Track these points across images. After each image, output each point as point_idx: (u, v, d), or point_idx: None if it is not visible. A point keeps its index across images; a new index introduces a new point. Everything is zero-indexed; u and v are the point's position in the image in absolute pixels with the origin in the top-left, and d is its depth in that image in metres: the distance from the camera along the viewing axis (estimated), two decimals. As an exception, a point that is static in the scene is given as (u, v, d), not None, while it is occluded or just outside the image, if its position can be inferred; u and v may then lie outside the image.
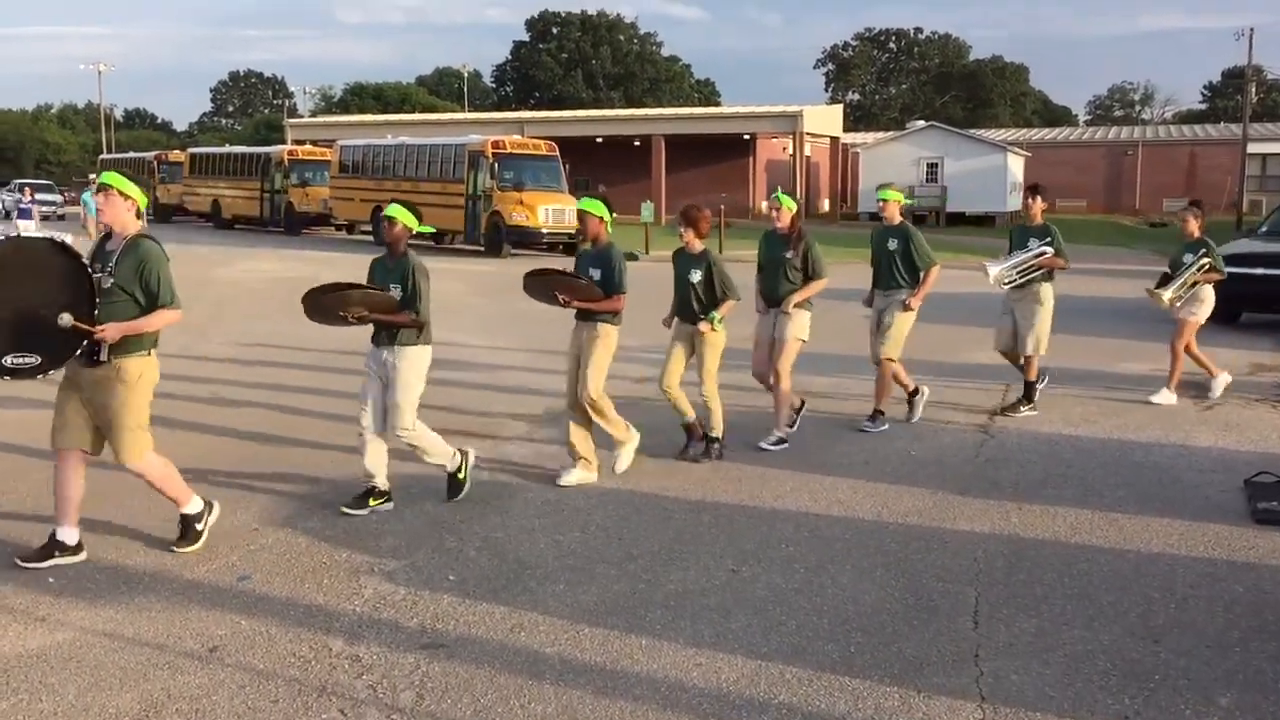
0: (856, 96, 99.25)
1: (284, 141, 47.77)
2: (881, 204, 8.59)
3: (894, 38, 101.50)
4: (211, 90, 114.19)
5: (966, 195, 45.88)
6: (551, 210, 26.62)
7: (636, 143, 46.52)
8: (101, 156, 56.51)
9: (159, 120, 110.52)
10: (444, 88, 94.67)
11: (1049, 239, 8.85)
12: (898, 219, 8.49)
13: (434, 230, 26.72)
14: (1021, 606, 4.88)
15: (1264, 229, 16.76)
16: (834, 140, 51.63)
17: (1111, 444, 7.96)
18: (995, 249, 18.63)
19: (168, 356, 5.66)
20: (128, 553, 5.44)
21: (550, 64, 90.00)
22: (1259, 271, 13.93)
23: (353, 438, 7.85)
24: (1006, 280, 8.85)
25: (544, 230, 26.58)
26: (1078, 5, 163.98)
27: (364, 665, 4.24)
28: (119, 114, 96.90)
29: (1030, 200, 9.08)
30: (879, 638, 4.54)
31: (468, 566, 5.34)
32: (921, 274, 8.38)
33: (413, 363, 6.21)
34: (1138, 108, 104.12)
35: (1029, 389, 9.03)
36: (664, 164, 44.76)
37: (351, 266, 23.93)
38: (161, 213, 42.20)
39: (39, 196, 40.15)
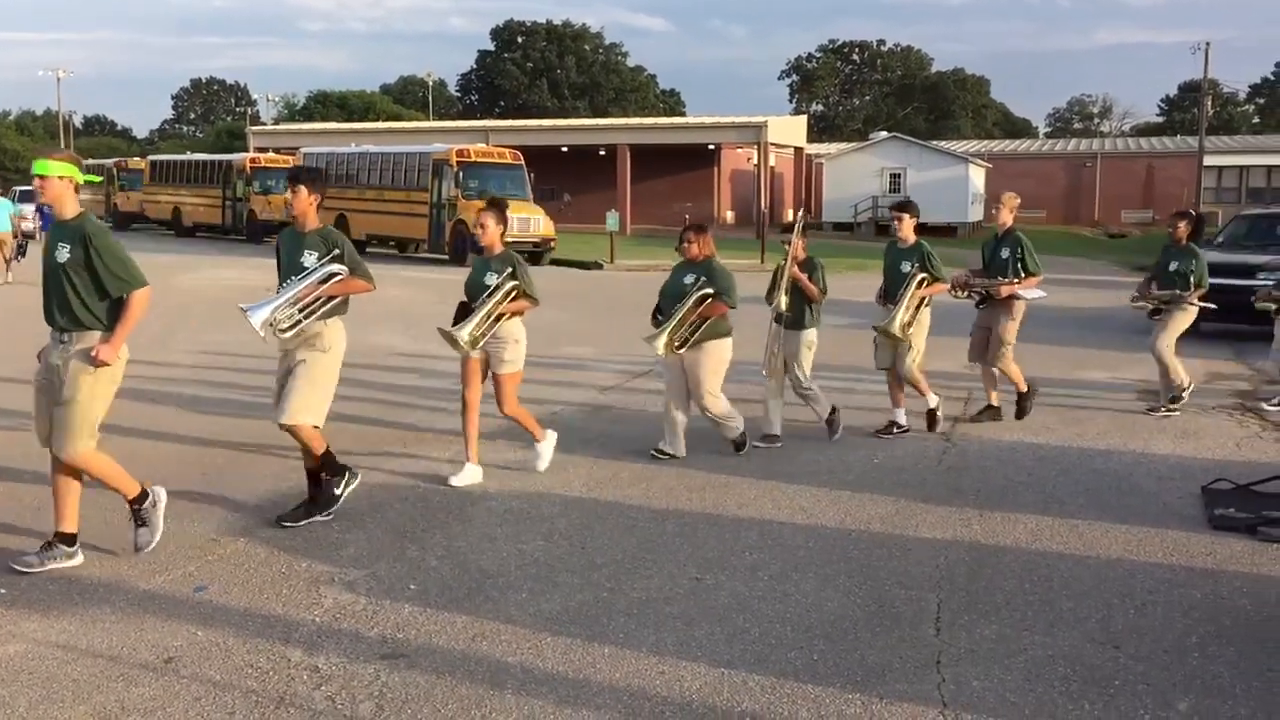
0: (820, 107, 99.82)
1: (246, 149, 47.40)
2: (38, 181, 5.18)
3: (857, 49, 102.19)
4: (173, 97, 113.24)
5: (929, 206, 45.69)
6: (517, 219, 26.58)
7: (602, 152, 46.57)
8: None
9: (119, 127, 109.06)
10: (408, 96, 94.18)
11: (338, 251, 6.07)
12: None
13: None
14: (983, 613, 4.90)
15: (1220, 240, 17.04)
16: (798, 151, 51.92)
17: (1071, 451, 8.03)
18: (961, 259, 18.71)
19: (129, 364, 5.59)
20: (82, 563, 5.34)
21: (515, 73, 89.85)
22: (1215, 281, 14.10)
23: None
24: (287, 325, 5.93)
25: (509, 239, 26.54)
26: (1037, 19, 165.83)
27: (323, 676, 4.19)
28: (78, 121, 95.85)
29: (293, 193, 6.14)
30: (842, 645, 4.54)
31: (429, 576, 5.29)
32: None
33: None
34: (1096, 120, 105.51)
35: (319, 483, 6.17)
36: (629, 173, 44.82)
37: (314, 275, 23.74)
38: (121, 220, 41.75)
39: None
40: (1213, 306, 9.82)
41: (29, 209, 25.89)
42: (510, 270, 6.97)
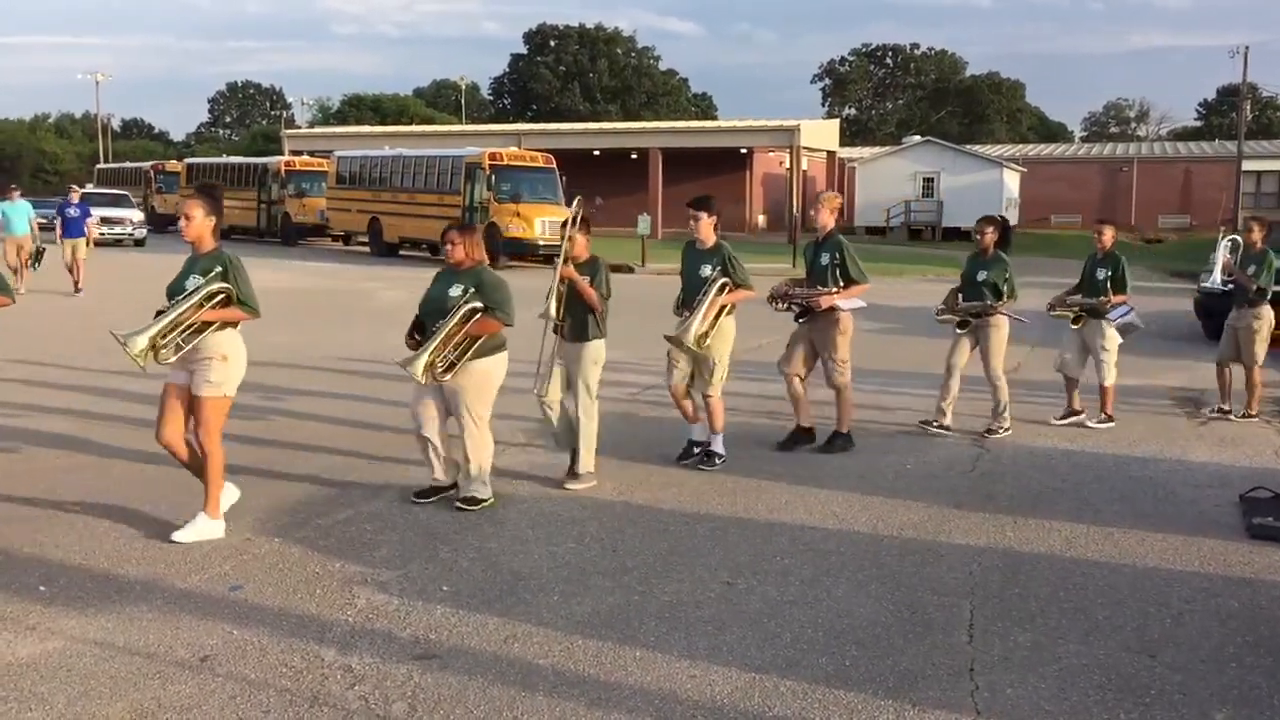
0: (853, 111, 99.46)
1: (281, 152, 47.83)
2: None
3: (890, 53, 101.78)
4: (209, 101, 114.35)
5: (962, 210, 46.06)
6: (548, 222, 26.67)
7: (633, 155, 46.60)
8: (98, 166, 56.54)
9: (156, 130, 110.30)
10: (441, 99, 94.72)
11: None
12: None
13: None
14: (1017, 620, 4.86)
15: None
16: (830, 155, 51.81)
17: (1107, 459, 7.95)
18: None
19: (162, 369, 5.66)
20: (119, 561, 5.41)
21: (548, 77, 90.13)
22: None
23: (347, 445, 7.85)
24: None
25: (540, 242, 26.62)
26: (1073, 22, 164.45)
27: (356, 676, 4.22)
28: (116, 124, 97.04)
29: None
30: (874, 651, 4.52)
31: (461, 577, 5.32)
32: None
33: None
34: (1133, 124, 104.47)
35: None
36: (661, 177, 44.83)
37: (347, 278, 23.91)
38: (158, 222, 42.25)
39: (104, 214, 30.08)
40: (1025, 320, 8.95)
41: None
42: (219, 271, 5.72)
